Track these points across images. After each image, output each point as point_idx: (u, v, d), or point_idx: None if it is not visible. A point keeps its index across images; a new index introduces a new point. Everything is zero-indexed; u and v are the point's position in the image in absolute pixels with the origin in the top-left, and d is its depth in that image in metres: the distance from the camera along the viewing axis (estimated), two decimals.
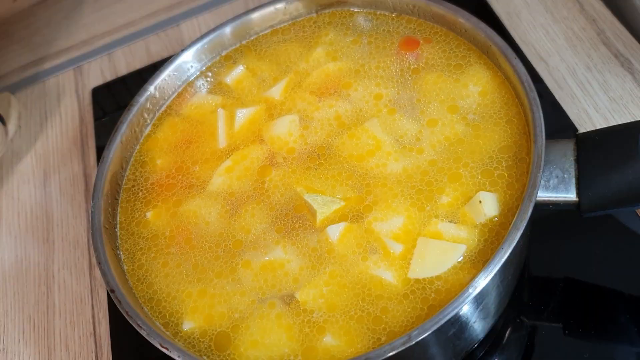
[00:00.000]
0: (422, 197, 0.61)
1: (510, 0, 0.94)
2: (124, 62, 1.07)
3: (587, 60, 0.86)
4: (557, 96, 0.83)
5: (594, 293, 0.69)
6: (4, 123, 1.00)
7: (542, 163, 0.56)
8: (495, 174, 0.61)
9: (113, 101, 1.04)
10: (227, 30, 0.78)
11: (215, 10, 1.09)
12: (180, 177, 0.70)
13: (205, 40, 0.77)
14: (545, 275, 0.72)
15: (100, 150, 0.97)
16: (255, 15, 0.78)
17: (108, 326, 0.79)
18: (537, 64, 0.87)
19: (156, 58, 1.05)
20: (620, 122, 0.79)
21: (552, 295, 0.70)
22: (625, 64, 0.84)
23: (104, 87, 1.05)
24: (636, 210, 0.71)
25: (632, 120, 0.78)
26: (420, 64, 0.70)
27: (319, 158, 0.66)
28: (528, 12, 0.93)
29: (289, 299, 0.59)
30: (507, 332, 0.69)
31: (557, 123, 0.80)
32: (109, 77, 1.06)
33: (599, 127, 0.80)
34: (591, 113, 0.81)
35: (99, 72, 1.07)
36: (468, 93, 0.67)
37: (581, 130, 0.79)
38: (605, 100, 0.81)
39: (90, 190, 0.93)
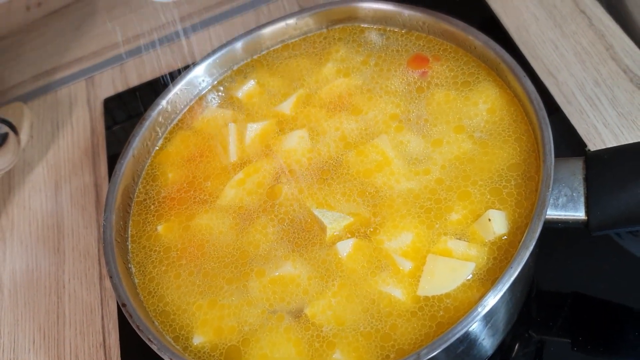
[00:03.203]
0: (431, 214, 0.62)
1: (519, 14, 0.95)
2: (136, 73, 1.08)
3: (596, 75, 0.86)
4: (565, 111, 0.83)
5: (602, 309, 0.69)
6: (16, 133, 1.01)
7: (551, 182, 0.56)
8: (504, 192, 0.62)
9: (124, 112, 1.05)
10: (239, 45, 0.78)
11: (226, 23, 1.10)
12: (192, 191, 0.71)
13: (217, 54, 0.78)
14: (553, 291, 0.72)
15: (111, 160, 0.98)
16: (267, 30, 0.79)
17: (118, 337, 0.80)
18: (546, 78, 0.87)
19: (167, 70, 1.06)
20: (629, 138, 0.79)
21: (561, 310, 0.70)
22: (635, 80, 0.84)
23: (115, 97, 1.06)
24: None
25: None
26: (429, 81, 0.71)
27: (329, 173, 0.67)
28: (537, 26, 0.93)
29: (298, 314, 0.60)
30: (516, 347, 0.69)
31: (566, 138, 0.80)
32: (121, 88, 1.07)
33: (607, 142, 0.80)
34: (600, 129, 0.81)
35: (111, 83, 1.09)
36: (477, 111, 0.67)
37: (590, 145, 0.80)
38: (614, 116, 0.82)
39: (101, 201, 0.94)
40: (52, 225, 0.94)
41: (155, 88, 1.04)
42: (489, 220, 0.58)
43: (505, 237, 0.59)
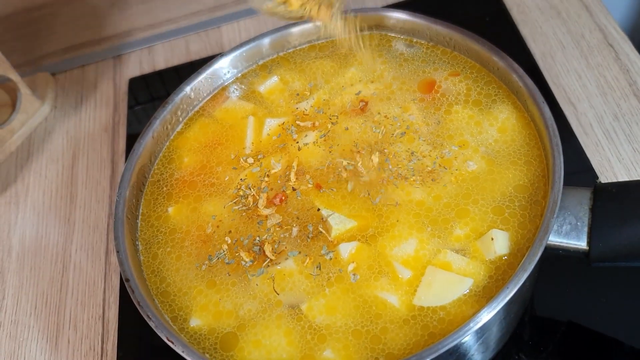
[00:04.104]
0: (436, 227, 0.63)
1: (546, 41, 0.95)
2: (163, 57, 1.10)
3: (616, 109, 0.86)
4: (581, 141, 0.83)
5: (594, 340, 0.70)
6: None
7: (557, 209, 0.57)
8: (507, 213, 0.62)
9: (147, 93, 1.07)
10: (266, 41, 0.80)
11: (257, 17, 1.12)
12: (203, 176, 0.72)
13: (244, 48, 0.79)
14: (548, 317, 0.72)
15: (130, 139, 0.99)
16: (296, 29, 0.80)
17: (117, 311, 0.82)
18: (565, 107, 0.88)
19: (194, 57, 1.08)
20: None
21: (553, 337, 0.70)
22: None
23: (140, 78, 1.08)
24: None
25: None
26: (447, 97, 0.72)
27: (340, 176, 0.68)
28: (563, 55, 0.94)
29: (295, 308, 0.61)
30: None
31: (578, 168, 0.81)
32: (147, 69, 1.09)
33: (620, 177, 0.80)
34: (613, 162, 0.81)
35: (138, 64, 1.10)
36: (492, 129, 0.68)
37: (602, 178, 0.80)
38: (629, 151, 0.82)
39: (115, 177, 0.96)
40: (66, 195, 0.96)
41: (181, 73, 1.06)
42: (492, 239, 0.59)
43: (505, 257, 0.60)
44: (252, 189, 0.69)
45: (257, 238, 0.65)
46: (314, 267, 0.62)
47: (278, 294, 0.61)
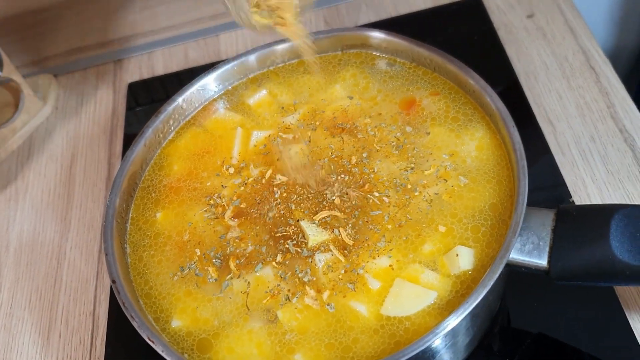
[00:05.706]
0: (408, 241, 0.66)
1: (531, 61, 0.98)
2: (162, 63, 1.14)
3: (593, 130, 0.89)
4: (558, 161, 0.86)
5: (558, 350, 0.73)
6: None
7: (519, 229, 0.60)
8: (481, 231, 0.66)
9: (147, 97, 1.11)
10: (255, 56, 0.83)
11: None
12: (189, 182, 0.76)
13: (235, 62, 0.82)
14: (519, 329, 0.76)
15: (127, 139, 1.03)
16: (285, 45, 0.83)
17: (107, 309, 0.85)
18: (545, 126, 0.91)
19: (192, 64, 1.12)
20: (613, 196, 0.83)
21: (519, 348, 0.74)
22: (629, 140, 0.88)
23: (140, 83, 1.11)
24: None
25: (625, 195, 0.82)
26: (426, 115, 0.75)
27: (320, 188, 0.72)
28: (546, 75, 0.97)
29: (270, 315, 0.64)
30: None
31: (553, 187, 0.84)
32: (146, 74, 1.13)
33: (592, 197, 0.83)
34: (587, 182, 0.85)
35: (137, 69, 1.14)
36: (466, 149, 0.72)
37: (575, 197, 0.83)
38: (603, 172, 0.85)
39: (111, 179, 1.00)
40: (63, 194, 1.00)
41: (179, 79, 1.10)
42: (457, 255, 0.63)
43: (470, 272, 0.63)
44: (222, 199, 0.72)
45: (220, 252, 0.69)
46: (289, 275, 0.66)
47: (249, 309, 0.65)
